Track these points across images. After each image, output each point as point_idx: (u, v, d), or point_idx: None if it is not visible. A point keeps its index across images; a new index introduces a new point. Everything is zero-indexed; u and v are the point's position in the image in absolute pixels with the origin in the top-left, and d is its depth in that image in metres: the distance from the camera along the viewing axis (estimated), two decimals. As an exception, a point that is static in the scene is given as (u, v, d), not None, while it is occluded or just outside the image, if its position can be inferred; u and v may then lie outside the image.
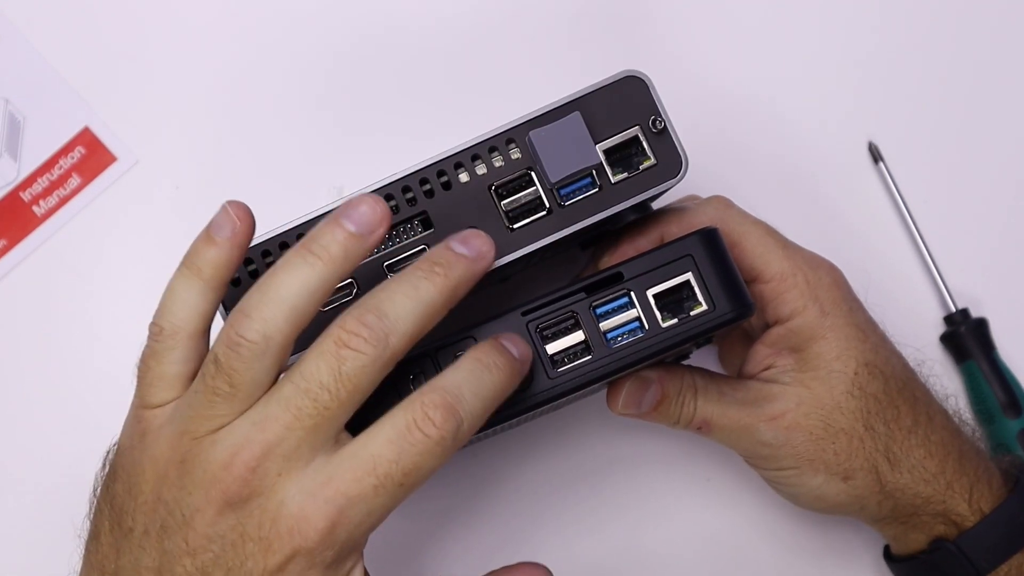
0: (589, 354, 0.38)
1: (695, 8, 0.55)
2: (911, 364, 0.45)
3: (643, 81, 0.39)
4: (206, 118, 0.54)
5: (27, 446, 0.52)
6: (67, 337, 0.53)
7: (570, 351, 0.38)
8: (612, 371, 0.38)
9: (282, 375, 0.34)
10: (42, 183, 0.53)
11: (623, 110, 0.39)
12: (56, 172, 0.53)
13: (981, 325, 0.52)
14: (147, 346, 0.36)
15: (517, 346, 0.36)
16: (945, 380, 0.47)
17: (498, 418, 0.37)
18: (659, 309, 0.38)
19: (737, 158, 0.54)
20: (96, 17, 0.54)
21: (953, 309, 0.53)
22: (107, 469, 0.37)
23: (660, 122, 0.39)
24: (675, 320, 0.38)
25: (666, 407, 0.42)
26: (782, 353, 0.43)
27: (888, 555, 0.47)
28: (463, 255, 0.34)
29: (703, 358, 0.50)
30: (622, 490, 0.52)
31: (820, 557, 0.51)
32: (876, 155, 0.54)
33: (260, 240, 0.39)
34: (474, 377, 0.34)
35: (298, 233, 0.38)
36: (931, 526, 0.44)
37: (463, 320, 0.38)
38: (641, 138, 0.39)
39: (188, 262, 0.36)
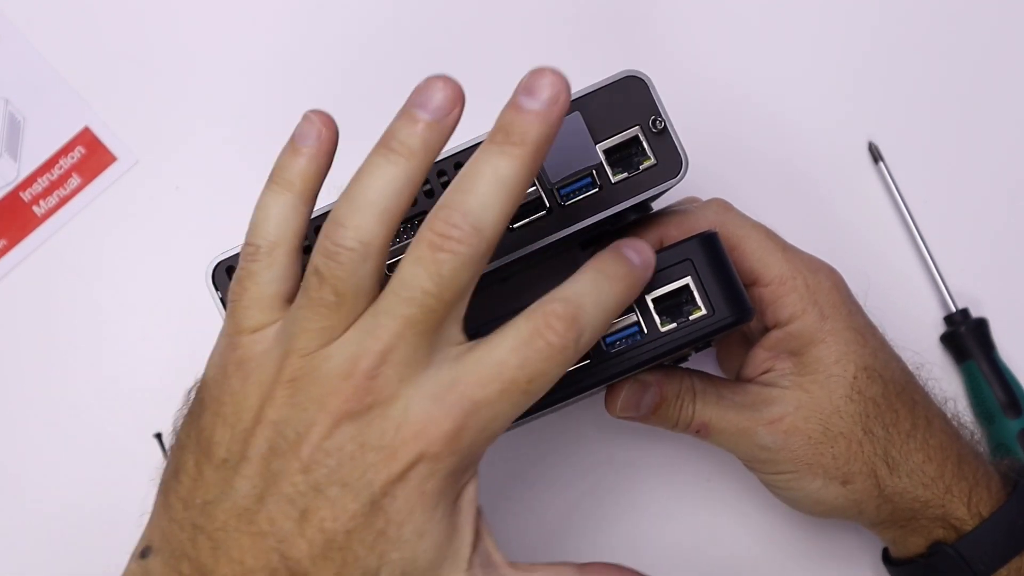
0: (587, 358, 0.38)
1: (695, 8, 0.55)
2: (910, 367, 0.45)
3: (643, 81, 0.39)
4: (206, 118, 0.54)
5: (27, 446, 0.52)
6: (67, 337, 0.53)
7: None
8: (611, 375, 0.38)
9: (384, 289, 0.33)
10: (42, 183, 0.53)
11: (623, 110, 0.39)
12: (56, 172, 0.53)
13: (981, 325, 0.52)
14: (241, 267, 0.35)
15: (641, 253, 0.35)
16: (944, 383, 0.47)
17: None
18: (658, 313, 0.38)
19: (737, 158, 0.54)
20: (96, 17, 0.54)
21: (953, 309, 0.53)
22: (191, 404, 0.35)
23: (660, 122, 0.39)
24: (674, 324, 0.38)
25: (664, 410, 0.42)
26: (781, 357, 0.43)
27: (887, 558, 0.47)
28: (534, 111, 0.32)
29: (702, 361, 0.50)
30: (621, 493, 0.52)
31: (819, 560, 0.51)
32: (876, 155, 0.54)
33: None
34: (596, 287, 0.33)
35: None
36: (930, 530, 0.44)
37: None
38: (641, 138, 0.39)
39: (277, 177, 0.35)
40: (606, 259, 0.34)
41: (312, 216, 0.37)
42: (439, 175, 0.39)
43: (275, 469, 0.32)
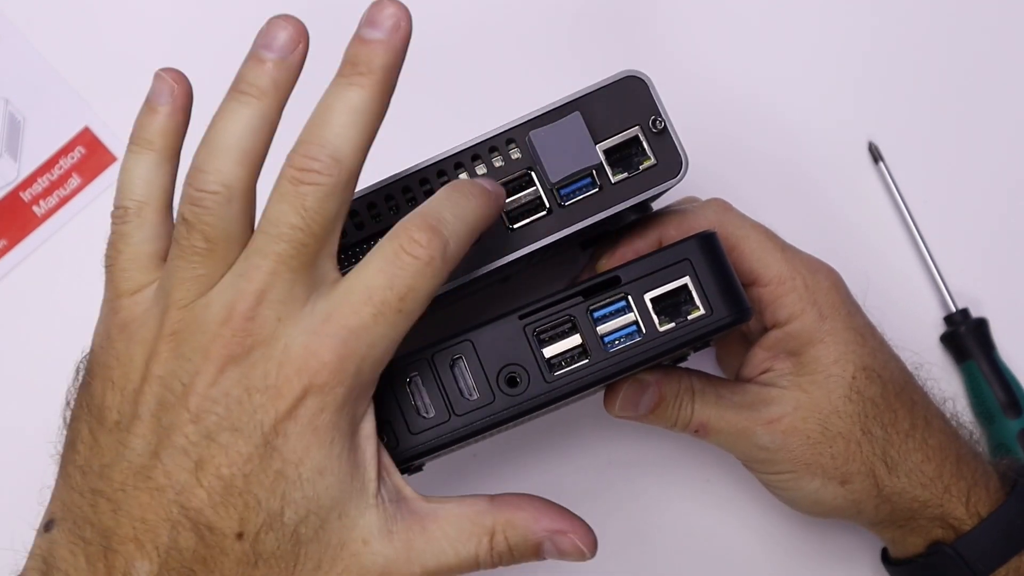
0: (586, 358, 0.38)
1: (695, 8, 0.55)
2: (909, 367, 0.45)
3: (643, 81, 0.39)
4: (206, 118, 0.54)
5: (27, 446, 0.52)
6: (67, 337, 0.52)
7: (567, 354, 0.38)
8: (609, 375, 0.38)
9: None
10: (42, 183, 0.53)
11: (623, 110, 0.39)
12: (56, 172, 0.53)
13: (981, 325, 0.52)
14: (112, 232, 0.35)
15: (489, 183, 0.36)
16: (943, 383, 0.47)
17: (496, 420, 0.37)
18: (656, 313, 0.38)
19: (737, 158, 0.54)
20: (96, 17, 0.54)
21: (953, 309, 0.53)
22: (82, 375, 0.36)
23: (660, 122, 0.39)
24: (672, 324, 0.38)
25: (663, 409, 0.42)
26: (780, 357, 0.43)
27: (886, 558, 0.47)
28: (376, 40, 0.33)
29: (701, 361, 0.50)
30: (620, 492, 0.52)
31: (818, 560, 0.51)
32: (876, 155, 0.54)
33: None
34: (452, 202, 0.34)
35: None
36: (929, 530, 0.44)
37: (460, 322, 0.38)
38: (641, 138, 0.39)
39: (136, 138, 0.35)
40: (456, 183, 0.35)
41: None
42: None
43: (166, 423, 0.32)
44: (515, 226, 0.39)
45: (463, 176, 0.37)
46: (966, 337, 0.52)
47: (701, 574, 0.51)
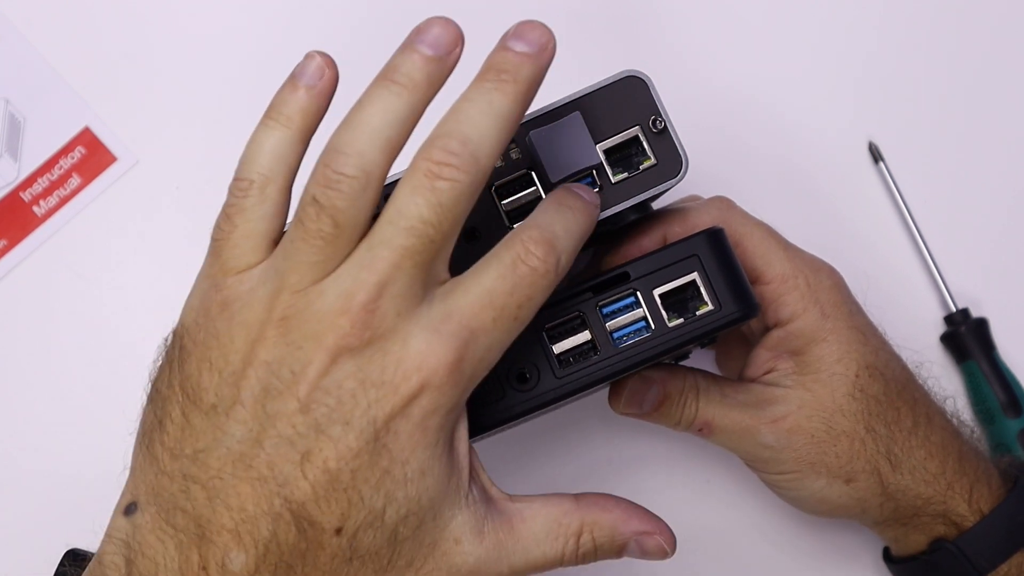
0: (595, 353, 0.38)
1: (695, 8, 0.55)
2: (910, 366, 0.45)
3: (643, 81, 0.39)
4: (206, 118, 0.54)
5: (27, 446, 0.52)
6: (67, 337, 0.53)
7: (576, 350, 0.38)
8: (619, 370, 0.38)
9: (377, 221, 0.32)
10: (42, 183, 0.53)
11: (623, 110, 0.39)
12: (56, 172, 0.53)
13: (981, 325, 0.52)
14: (229, 204, 0.33)
15: (585, 192, 0.35)
16: (944, 382, 0.47)
17: (506, 416, 0.37)
18: (665, 309, 0.38)
19: (737, 158, 0.54)
20: (96, 17, 0.54)
21: (953, 309, 0.53)
22: (168, 352, 0.34)
23: (660, 122, 0.39)
24: (681, 320, 0.38)
25: (668, 408, 0.42)
26: (783, 356, 0.43)
27: (888, 557, 0.48)
28: (525, 53, 0.32)
29: (700, 364, 0.50)
30: (623, 491, 0.52)
31: (820, 559, 0.51)
32: (876, 155, 0.54)
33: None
34: (561, 216, 0.33)
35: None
36: (931, 527, 0.44)
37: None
38: (641, 138, 0.39)
39: (273, 112, 0.34)
40: (561, 195, 0.35)
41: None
42: None
43: (271, 411, 0.31)
44: (515, 226, 0.39)
45: (558, 188, 0.36)
46: (966, 337, 0.52)
47: (702, 573, 0.51)
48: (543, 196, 0.39)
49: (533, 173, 0.39)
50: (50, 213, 0.53)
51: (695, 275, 0.38)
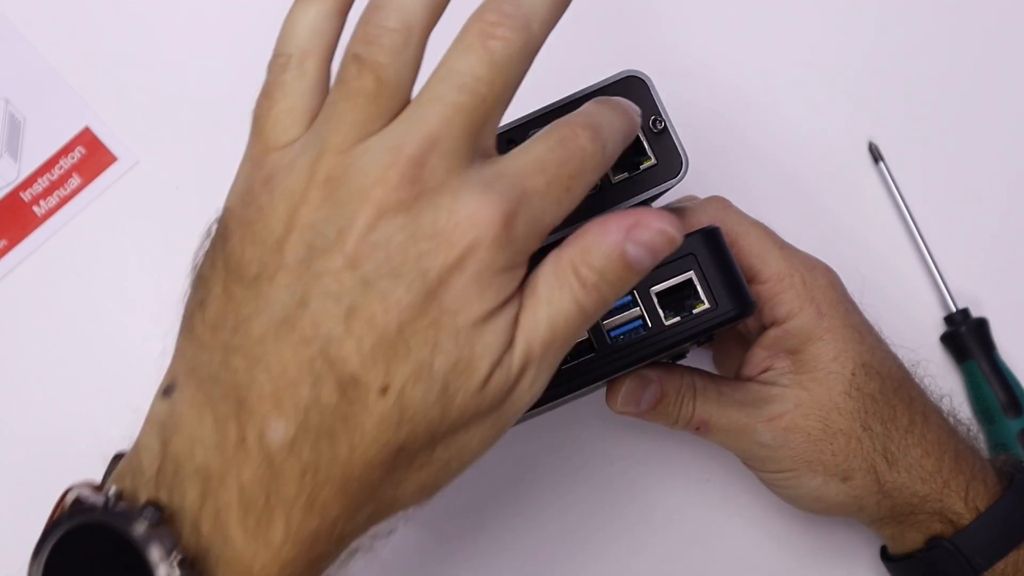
0: (592, 352, 0.38)
1: (696, 8, 0.55)
2: (906, 364, 0.45)
3: (643, 81, 0.39)
4: (206, 118, 0.54)
5: (27, 446, 0.52)
6: (68, 337, 0.53)
7: (574, 349, 0.38)
8: (615, 369, 0.38)
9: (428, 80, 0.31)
10: (42, 183, 0.53)
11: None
12: (56, 172, 0.53)
13: (981, 325, 0.52)
14: (268, 81, 0.32)
15: (629, 104, 0.34)
16: (940, 381, 0.47)
17: None
18: (662, 307, 0.38)
19: (737, 158, 0.54)
20: (96, 17, 0.54)
21: (953, 309, 0.53)
22: (215, 237, 0.32)
23: (660, 122, 0.39)
24: (678, 318, 0.38)
25: (665, 406, 0.42)
26: (779, 355, 0.43)
27: (885, 555, 0.48)
28: None
29: (697, 361, 0.50)
30: (622, 490, 0.52)
31: (819, 558, 0.51)
32: (876, 155, 0.54)
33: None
34: (603, 112, 0.32)
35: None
36: (928, 525, 0.44)
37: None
38: (641, 138, 0.39)
39: None
40: (602, 98, 0.34)
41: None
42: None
43: (316, 270, 0.29)
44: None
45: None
46: (966, 337, 0.52)
47: (701, 572, 0.51)
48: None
49: (534, 173, 0.39)
50: (50, 213, 0.53)
51: (691, 274, 0.38)
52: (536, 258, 0.31)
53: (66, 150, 0.53)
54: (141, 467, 0.30)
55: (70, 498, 0.31)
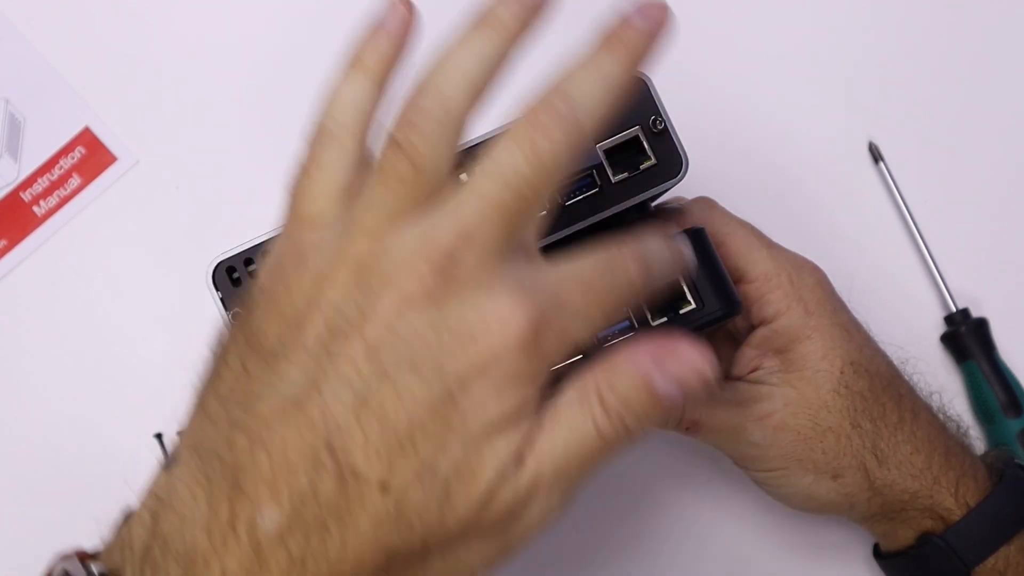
0: (580, 354, 0.38)
1: (695, 8, 0.55)
2: (895, 362, 0.46)
3: (643, 81, 0.39)
4: (206, 118, 0.54)
5: (27, 446, 0.52)
6: (68, 337, 0.53)
7: None
8: None
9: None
10: (42, 183, 0.53)
11: (623, 110, 0.39)
12: (56, 172, 0.53)
13: (982, 325, 0.52)
14: (308, 154, 0.32)
15: (690, 256, 0.34)
16: (930, 377, 0.47)
17: None
18: (649, 309, 0.38)
19: (737, 158, 0.54)
20: (96, 17, 0.54)
21: (954, 309, 0.53)
22: (243, 310, 0.31)
23: (660, 122, 0.39)
24: (665, 319, 0.38)
25: None
26: (768, 354, 0.43)
27: (877, 553, 0.48)
28: (644, 29, 0.30)
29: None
30: (620, 491, 0.52)
31: (812, 556, 0.51)
32: (876, 155, 0.54)
33: (260, 241, 0.39)
34: (660, 249, 0.31)
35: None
36: (919, 521, 0.44)
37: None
38: (641, 138, 0.39)
39: (352, 59, 0.33)
40: (663, 236, 0.32)
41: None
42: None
43: (335, 352, 0.28)
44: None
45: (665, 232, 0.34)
46: (966, 337, 0.52)
47: (696, 572, 0.51)
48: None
49: (534, 173, 0.39)
50: (50, 213, 0.53)
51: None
52: None
53: (66, 150, 0.53)
54: (132, 543, 0.29)
55: (58, 571, 0.30)
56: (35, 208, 0.53)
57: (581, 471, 0.29)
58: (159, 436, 0.50)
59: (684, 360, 0.29)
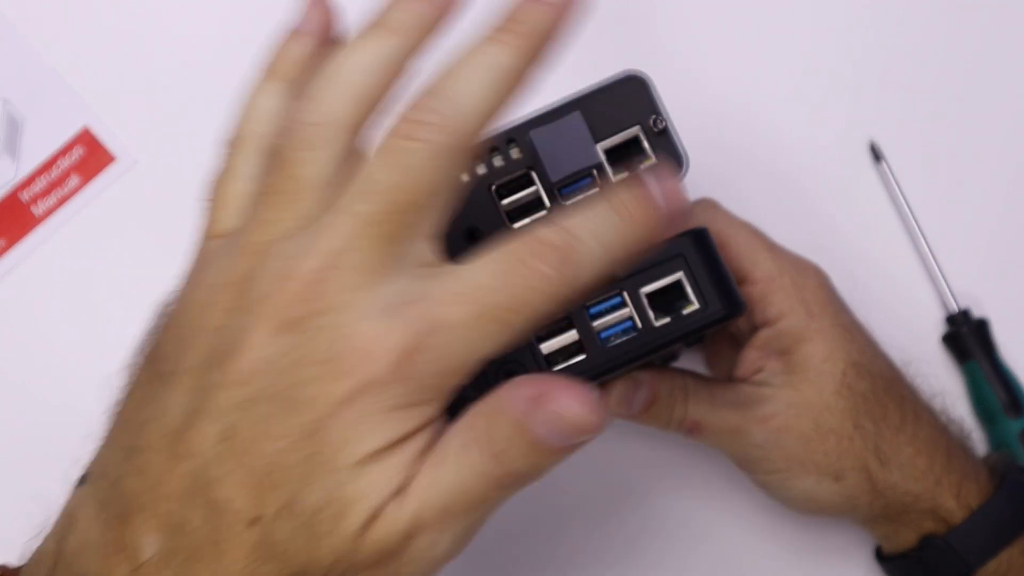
0: (583, 354, 0.38)
1: (695, 8, 0.55)
2: (898, 364, 0.46)
3: (644, 81, 0.39)
4: (206, 119, 0.54)
5: (26, 447, 0.52)
6: (67, 338, 0.52)
7: (564, 351, 0.38)
8: (606, 370, 0.38)
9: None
10: (41, 183, 0.53)
11: (624, 110, 0.39)
12: (55, 172, 0.53)
13: (983, 326, 0.52)
14: (217, 168, 0.31)
15: (670, 197, 0.28)
16: (936, 380, 0.47)
17: None
18: (652, 308, 0.38)
19: (738, 157, 0.54)
20: (96, 17, 0.54)
21: (955, 309, 0.53)
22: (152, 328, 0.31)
23: (661, 122, 0.39)
24: (668, 319, 0.38)
25: (657, 408, 0.42)
26: (771, 356, 0.43)
27: (879, 555, 0.48)
28: (549, 3, 0.28)
29: (690, 365, 0.50)
30: (619, 492, 0.52)
31: (814, 559, 0.51)
32: (877, 155, 0.54)
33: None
34: (605, 223, 0.27)
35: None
36: (920, 523, 0.44)
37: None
38: (641, 138, 0.39)
39: (267, 66, 0.32)
40: (623, 194, 0.28)
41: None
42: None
43: (210, 381, 0.27)
44: (515, 225, 0.39)
45: (639, 179, 0.29)
46: (967, 337, 0.52)
47: (696, 574, 0.51)
48: (543, 196, 0.39)
49: (533, 172, 0.39)
50: (49, 213, 0.53)
51: (681, 274, 0.38)
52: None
53: (65, 150, 0.53)
54: (43, 560, 0.29)
55: None
56: (33, 208, 0.53)
57: (470, 512, 0.28)
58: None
59: (557, 405, 0.26)
